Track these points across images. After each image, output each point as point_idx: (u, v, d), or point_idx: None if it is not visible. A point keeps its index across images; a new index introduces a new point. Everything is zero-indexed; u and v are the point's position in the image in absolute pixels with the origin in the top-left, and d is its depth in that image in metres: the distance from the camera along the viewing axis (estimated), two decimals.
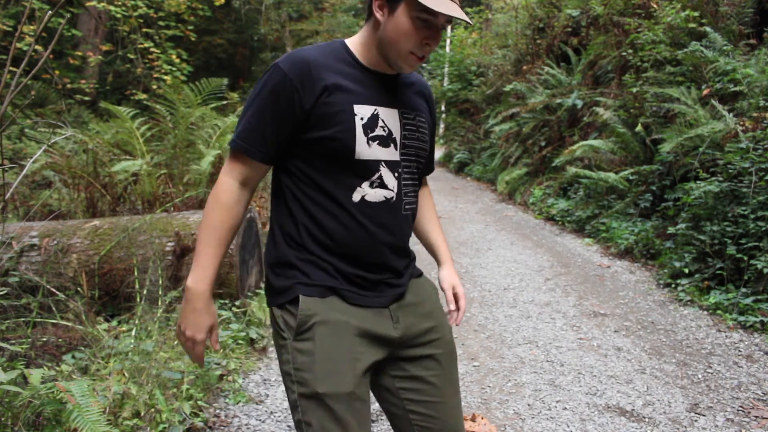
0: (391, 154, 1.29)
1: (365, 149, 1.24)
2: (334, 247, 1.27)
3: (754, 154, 4.50)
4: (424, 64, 20.69)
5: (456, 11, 1.17)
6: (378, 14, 1.24)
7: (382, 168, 1.27)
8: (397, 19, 1.20)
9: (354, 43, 1.31)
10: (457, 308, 1.53)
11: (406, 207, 1.35)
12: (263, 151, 1.25)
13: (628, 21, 7.35)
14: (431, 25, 1.21)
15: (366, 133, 1.24)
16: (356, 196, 1.26)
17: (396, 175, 1.30)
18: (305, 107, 1.21)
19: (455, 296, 1.53)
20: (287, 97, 1.20)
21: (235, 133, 1.27)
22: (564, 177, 8.03)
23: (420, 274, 1.48)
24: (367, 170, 1.26)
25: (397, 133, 1.30)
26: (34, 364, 2.62)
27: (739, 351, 3.65)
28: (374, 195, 1.28)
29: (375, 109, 1.26)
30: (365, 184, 1.27)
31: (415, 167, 1.37)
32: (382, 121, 1.27)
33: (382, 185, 1.28)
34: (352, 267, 1.28)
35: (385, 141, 1.27)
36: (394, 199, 1.30)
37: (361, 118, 1.23)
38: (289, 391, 1.26)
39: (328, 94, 1.21)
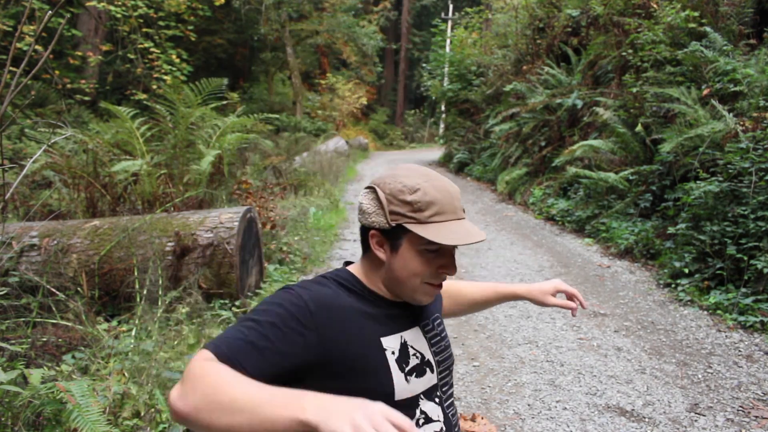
0: (429, 380, 1.11)
1: (404, 388, 1.04)
2: None
3: (754, 154, 4.50)
4: (424, 64, 20.69)
5: (467, 235, 1.02)
6: (379, 253, 1.07)
7: (421, 401, 1.08)
8: (404, 256, 1.05)
9: (360, 273, 1.13)
10: (574, 299, 1.43)
11: (456, 430, 1.19)
12: (255, 367, 0.90)
13: (628, 21, 7.35)
14: (444, 252, 1.06)
15: (402, 369, 1.05)
16: None
17: (437, 400, 1.12)
18: (323, 347, 0.97)
19: (566, 294, 1.43)
20: (300, 323, 0.96)
21: (220, 338, 0.93)
22: (564, 177, 8.04)
23: None
24: (408, 411, 1.06)
25: (429, 354, 1.13)
26: (34, 364, 2.62)
27: (739, 351, 3.65)
28: None
29: (401, 337, 1.09)
30: None
31: (451, 373, 1.21)
32: (412, 347, 1.09)
33: (428, 420, 1.10)
34: None
35: (421, 369, 1.09)
36: (444, 429, 1.13)
37: (393, 353, 1.05)
38: None
39: (351, 335, 1.00)
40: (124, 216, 4.13)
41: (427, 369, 1.11)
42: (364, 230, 1.09)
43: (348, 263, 1.19)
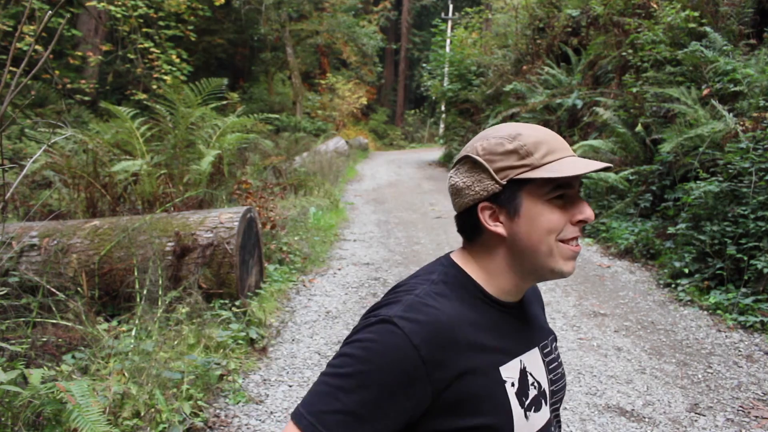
0: (544, 415, 0.92)
1: (523, 426, 0.87)
2: None
3: (754, 154, 4.50)
4: (424, 64, 20.67)
5: (590, 164, 0.86)
6: (495, 227, 0.87)
7: None
8: (529, 215, 0.86)
9: (474, 271, 0.92)
10: None
11: None
12: None
13: (628, 21, 7.35)
14: (571, 197, 0.88)
15: (522, 404, 0.88)
16: None
17: None
18: (437, 389, 0.81)
19: None
20: (409, 378, 0.79)
21: (311, 409, 0.79)
22: None
23: None
24: None
25: (545, 383, 0.95)
26: (34, 364, 2.62)
27: (739, 351, 3.65)
28: None
29: (520, 362, 0.90)
30: None
31: (560, 406, 1.02)
32: (530, 375, 0.91)
33: None
34: None
35: (538, 401, 0.91)
36: None
37: (512, 384, 0.87)
38: None
39: (468, 369, 0.83)
40: (124, 216, 4.13)
41: (542, 400, 0.93)
42: (468, 212, 0.90)
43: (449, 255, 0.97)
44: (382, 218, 8.47)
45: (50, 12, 2.92)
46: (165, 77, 10.07)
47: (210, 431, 2.65)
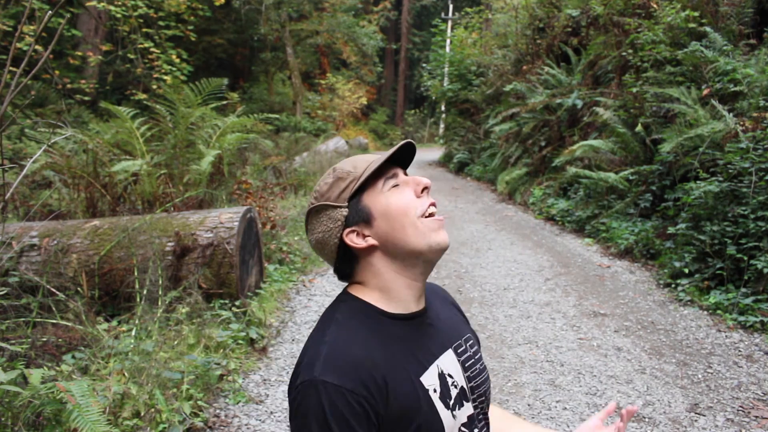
0: (467, 411, 1.01)
1: (452, 424, 0.96)
2: None
3: (754, 154, 4.50)
4: (424, 64, 20.67)
5: (396, 147, 0.98)
6: (367, 241, 0.96)
7: None
8: (380, 212, 0.95)
9: (370, 296, 0.98)
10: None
11: None
12: None
13: (628, 21, 7.35)
14: (403, 180, 0.99)
15: (447, 405, 0.96)
16: None
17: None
18: (380, 415, 0.88)
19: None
20: (359, 417, 0.85)
21: None
22: (564, 177, 8.04)
23: None
24: None
25: (463, 381, 1.02)
26: (34, 364, 2.62)
27: (739, 351, 3.65)
28: None
29: (437, 367, 0.98)
30: None
31: (487, 402, 1.09)
32: (449, 376, 0.99)
33: None
34: None
35: (460, 400, 0.99)
36: None
37: (435, 390, 0.95)
38: None
39: (395, 389, 0.90)
40: (124, 216, 4.13)
41: (462, 398, 1.00)
42: (339, 251, 0.99)
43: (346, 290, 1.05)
44: None
45: (50, 12, 2.91)
46: (165, 77, 10.07)
47: (210, 431, 2.65)
